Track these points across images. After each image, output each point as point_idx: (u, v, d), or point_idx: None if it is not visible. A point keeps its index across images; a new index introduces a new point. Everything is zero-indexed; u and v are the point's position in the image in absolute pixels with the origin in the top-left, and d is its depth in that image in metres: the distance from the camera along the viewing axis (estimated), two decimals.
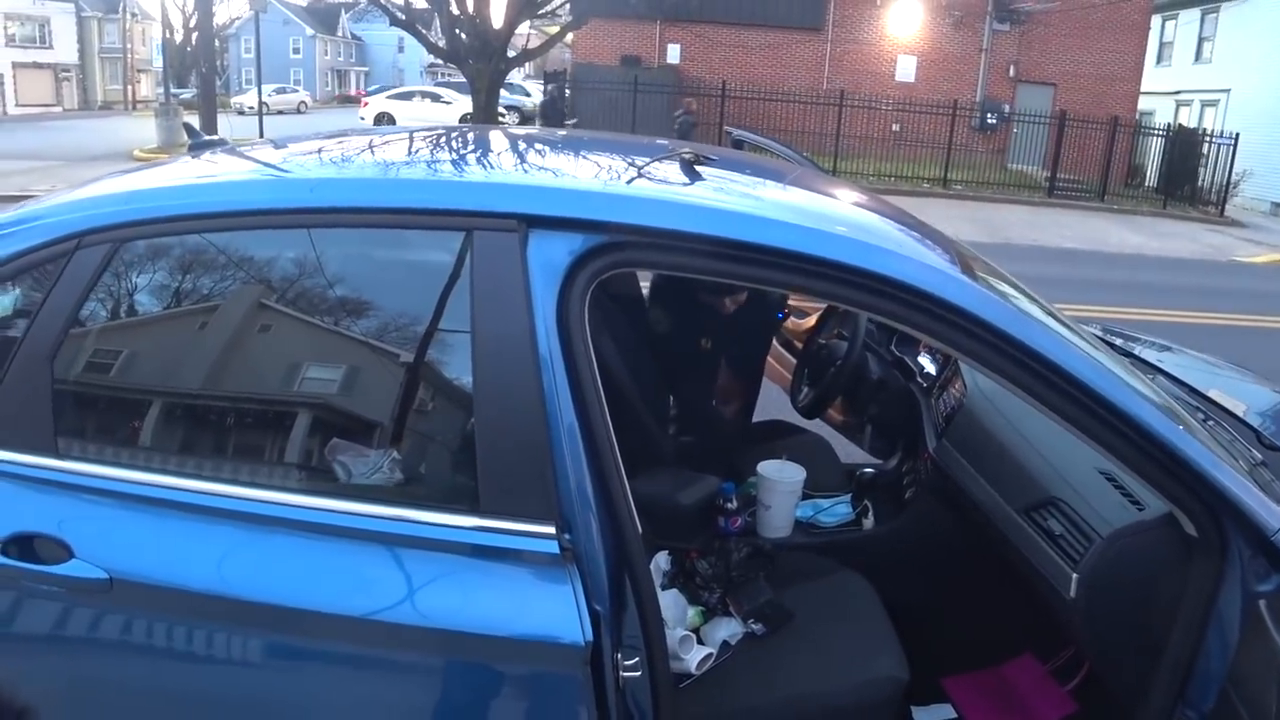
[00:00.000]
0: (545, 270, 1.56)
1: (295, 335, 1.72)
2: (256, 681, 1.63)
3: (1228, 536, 1.61)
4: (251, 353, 1.77)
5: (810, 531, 2.78)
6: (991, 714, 2.43)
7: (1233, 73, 25.78)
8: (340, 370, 1.73)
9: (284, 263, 1.70)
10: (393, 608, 1.54)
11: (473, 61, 17.30)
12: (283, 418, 1.72)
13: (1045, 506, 2.06)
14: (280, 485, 1.65)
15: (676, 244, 1.60)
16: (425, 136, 2.20)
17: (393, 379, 1.69)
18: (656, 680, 1.61)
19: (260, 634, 1.59)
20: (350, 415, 1.72)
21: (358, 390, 1.71)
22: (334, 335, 1.70)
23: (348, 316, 1.69)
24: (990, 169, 21.90)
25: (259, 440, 1.73)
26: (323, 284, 1.69)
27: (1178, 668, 1.67)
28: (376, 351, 1.68)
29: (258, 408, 1.74)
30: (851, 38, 24.34)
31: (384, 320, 1.68)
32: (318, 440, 1.69)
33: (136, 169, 2.09)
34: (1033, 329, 1.63)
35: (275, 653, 1.60)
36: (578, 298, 1.57)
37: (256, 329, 1.76)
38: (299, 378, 1.74)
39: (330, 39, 66.94)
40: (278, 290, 1.71)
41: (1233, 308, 10.32)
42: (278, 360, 1.76)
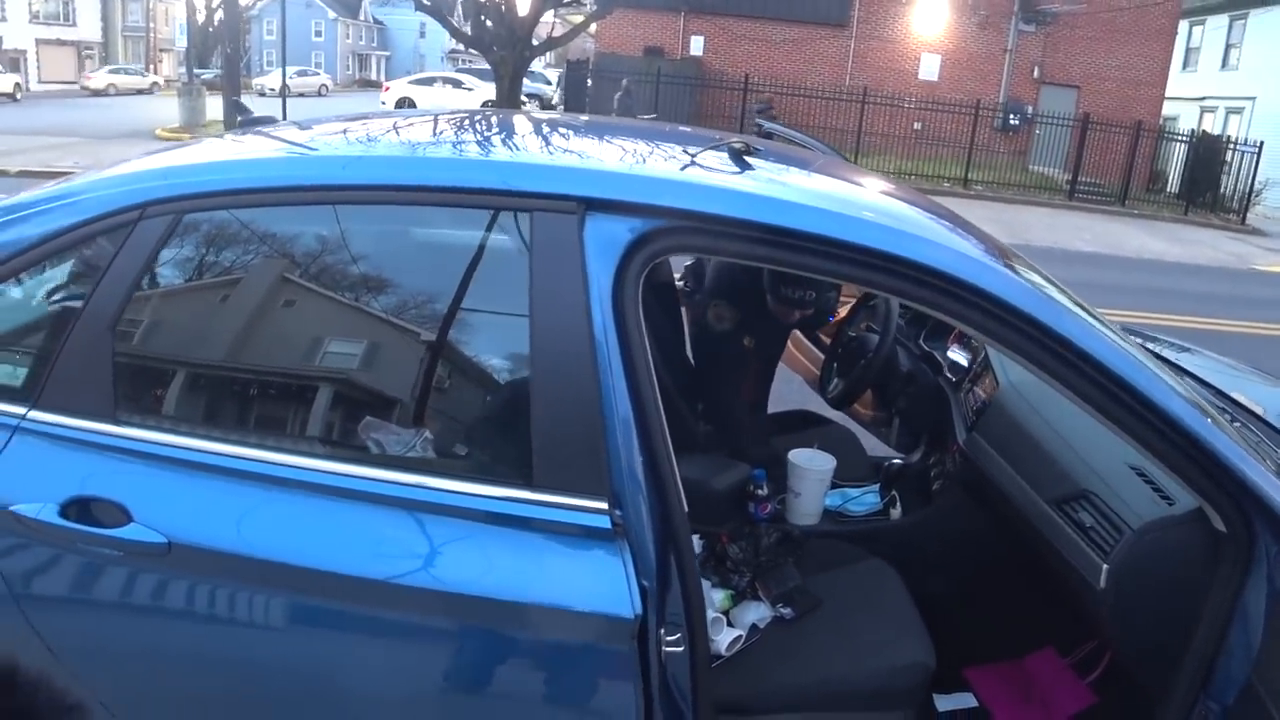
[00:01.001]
0: (602, 251, 1.60)
1: (356, 310, 1.76)
2: (310, 648, 1.67)
3: (1256, 533, 1.65)
4: (311, 327, 1.81)
5: (839, 520, 2.82)
6: (1012, 704, 2.46)
7: (1259, 81, 25.63)
8: (397, 345, 1.77)
9: (348, 238, 1.73)
10: (447, 577, 1.58)
11: (497, 49, 17.34)
12: (340, 391, 1.76)
13: (1076, 499, 2.10)
14: (338, 456, 1.69)
15: (729, 230, 1.64)
16: (481, 120, 2.24)
17: (451, 355, 1.74)
18: (696, 657, 1.65)
19: (318, 601, 1.63)
20: (408, 389, 1.75)
21: (415, 365, 1.75)
22: (394, 311, 1.74)
23: (409, 293, 1.74)
24: (1011, 170, 21.83)
25: (315, 412, 1.77)
26: (385, 260, 1.74)
27: (1202, 660, 1.71)
28: (436, 327, 1.72)
29: (316, 381, 1.78)
30: (876, 35, 24.27)
31: (445, 297, 1.71)
32: (373, 412, 1.73)
33: (192, 144, 2.13)
34: (1072, 321, 1.67)
35: (332, 620, 1.64)
36: (632, 279, 1.61)
37: (318, 303, 1.79)
38: (357, 351, 1.78)
39: (352, 23, 67.02)
40: (340, 265, 1.75)
41: (1251, 315, 10.28)
42: (334, 334, 1.80)
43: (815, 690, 2.10)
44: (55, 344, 1.72)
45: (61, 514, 1.64)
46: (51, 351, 1.72)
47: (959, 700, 2.46)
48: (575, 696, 1.65)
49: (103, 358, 1.70)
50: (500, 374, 1.76)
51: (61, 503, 1.65)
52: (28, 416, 1.70)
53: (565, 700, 1.66)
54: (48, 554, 1.69)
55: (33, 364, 1.75)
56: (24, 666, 1.73)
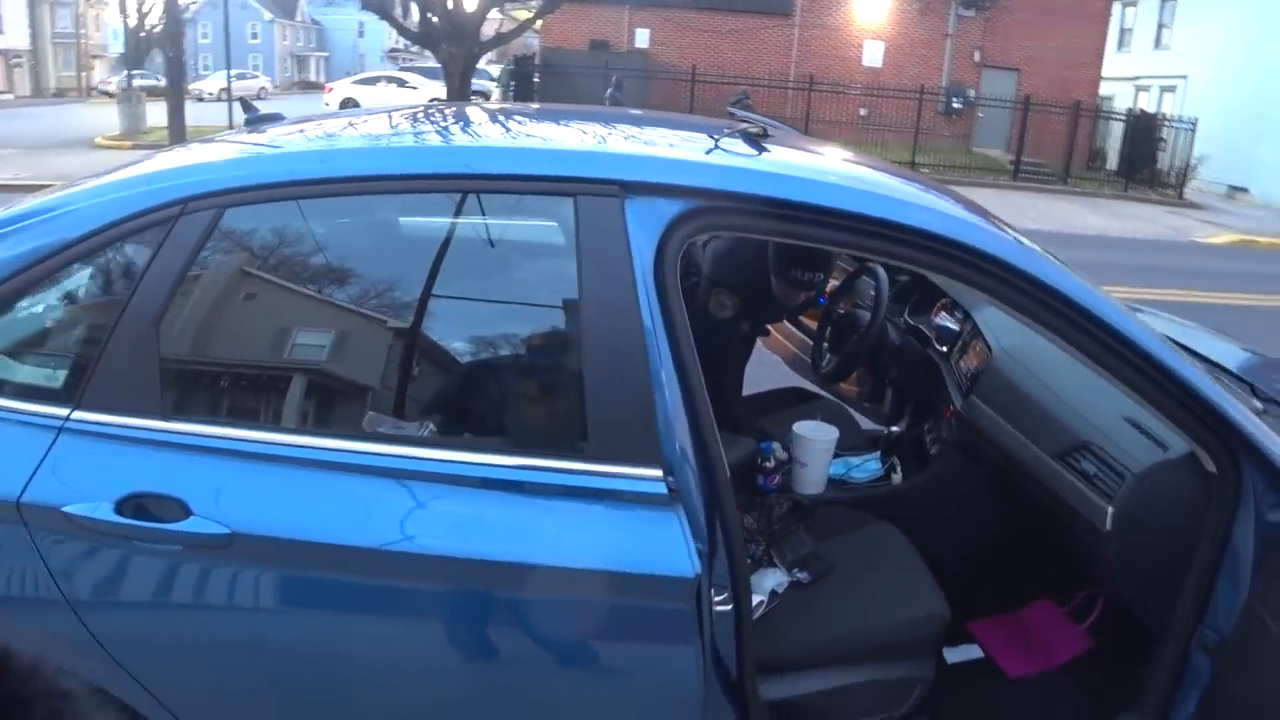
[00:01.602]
0: (643, 231, 1.68)
1: (406, 295, 1.82)
2: (382, 629, 1.71)
3: (1243, 472, 1.81)
4: (361, 315, 1.85)
5: (843, 487, 2.94)
6: (1015, 653, 2.60)
7: (1191, 59, 26.32)
8: (451, 328, 1.83)
9: (395, 227, 1.80)
10: (517, 550, 1.64)
11: (446, 45, 17.24)
12: (397, 375, 1.82)
13: (1078, 450, 2.24)
14: (398, 439, 1.74)
15: (761, 209, 1.74)
16: (507, 111, 2.31)
17: (505, 334, 1.82)
18: (741, 616, 1.75)
19: (390, 582, 1.68)
20: (464, 372, 1.83)
21: (471, 347, 1.82)
22: (445, 295, 1.80)
23: (459, 277, 1.81)
24: (956, 153, 22.24)
25: (375, 396, 1.83)
26: (434, 246, 1.80)
27: (1200, 591, 1.87)
28: (489, 310, 1.79)
29: (372, 366, 1.84)
30: (819, 23, 24.51)
31: (495, 281, 1.79)
32: (432, 394, 1.80)
33: (220, 141, 2.16)
34: (1070, 281, 1.81)
35: (405, 599, 1.69)
36: (672, 257, 1.70)
37: (365, 291, 1.85)
38: (411, 336, 1.82)
39: (289, 24, 66.03)
40: (388, 253, 1.82)
41: (1191, 285, 10.67)
42: (385, 320, 1.85)
43: (837, 647, 2.20)
44: (96, 344, 1.72)
45: (117, 512, 1.65)
46: (92, 351, 1.72)
47: (966, 652, 2.60)
48: (645, 657, 1.73)
49: (148, 354, 1.71)
50: (554, 351, 1.82)
51: (117, 500, 1.65)
52: (71, 417, 1.69)
53: (635, 661, 1.74)
54: (103, 554, 1.69)
55: (72, 365, 1.75)
56: (82, 673, 1.73)
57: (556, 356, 1.82)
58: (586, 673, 1.75)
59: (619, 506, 1.66)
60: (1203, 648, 1.88)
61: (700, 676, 1.68)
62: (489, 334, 1.83)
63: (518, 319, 1.82)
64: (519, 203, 1.78)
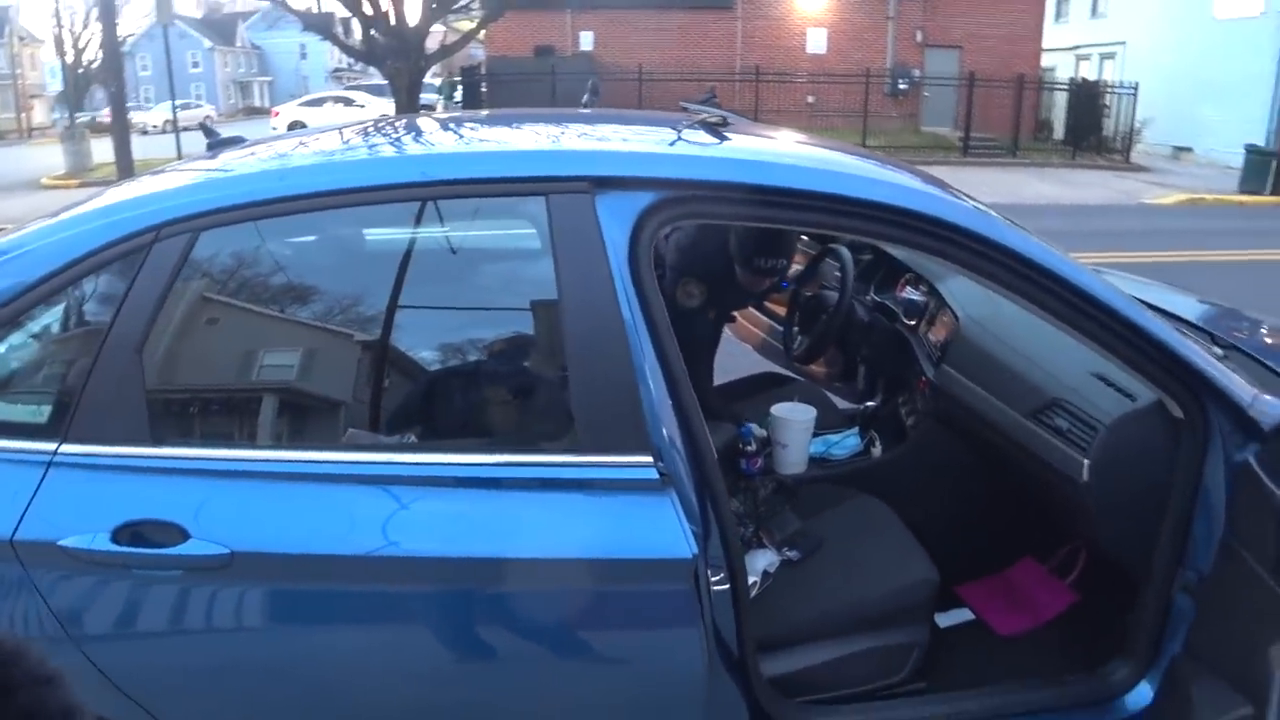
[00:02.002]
0: (616, 225, 1.72)
1: (387, 303, 1.83)
2: (386, 633, 1.73)
3: (1209, 415, 1.88)
4: (345, 324, 1.87)
5: (825, 465, 2.99)
6: (1004, 612, 2.66)
7: (1127, 25, 26.75)
8: (433, 333, 1.86)
9: (368, 238, 1.82)
10: (517, 546, 1.67)
11: (391, 61, 17.16)
12: (383, 383, 1.85)
13: (1050, 408, 2.30)
14: (389, 446, 1.77)
15: (728, 195, 1.78)
16: (462, 119, 2.33)
17: (485, 336, 1.84)
18: (738, 594, 1.79)
19: (393, 587, 1.69)
20: (451, 372, 1.85)
21: (454, 350, 1.85)
22: (425, 301, 1.84)
23: (437, 282, 1.83)
24: (905, 133, 22.48)
25: (361, 406, 1.85)
26: (409, 254, 1.82)
27: (1177, 532, 1.94)
28: (467, 314, 1.82)
29: (356, 376, 1.86)
30: (762, 14, 24.67)
31: (472, 285, 1.82)
32: (420, 401, 1.82)
33: (188, 166, 2.15)
34: (1030, 243, 1.87)
35: (408, 603, 1.71)
36: (645, 248, 1.73)
37: (346, 301, 1.87)
38: (396, 344, 1.85)
39: (230, 50, 65.30)
40: (363, 263, 1.84)
41: (1145, 246, 10.88)
42: (367, 328, 1.87)
43: (833, 619, 2.25)
44: (79, 376, 1.72)
45: (114, 541, 1.65)
46: (76, 384, 1.72)
47: (957, 615, 2.65)
48: (650, 640, 1.77)
49: (133, 382, 1.71)
50: (539, 348, 1.86)
51: (112, 530, 1.65)
52: (59, 451, 1.69)
53: (641, 645, 1.77)
54: (103, 584, 1.69)
55: (56, 399, 1.75)
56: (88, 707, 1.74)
57: (541, 353, 1.85)
58: (594, 660, 1.78)
59: (613, 494, 1.70)
60: (1184, 589, 1.95)
61: (704, 655, 1.71)
62: (475, 337, 1.86)
63: (500, 320, 1.85)
64: (494, 205, 1.81)
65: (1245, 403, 1.87)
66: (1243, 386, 1.92)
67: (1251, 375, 2.08)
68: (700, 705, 1.76)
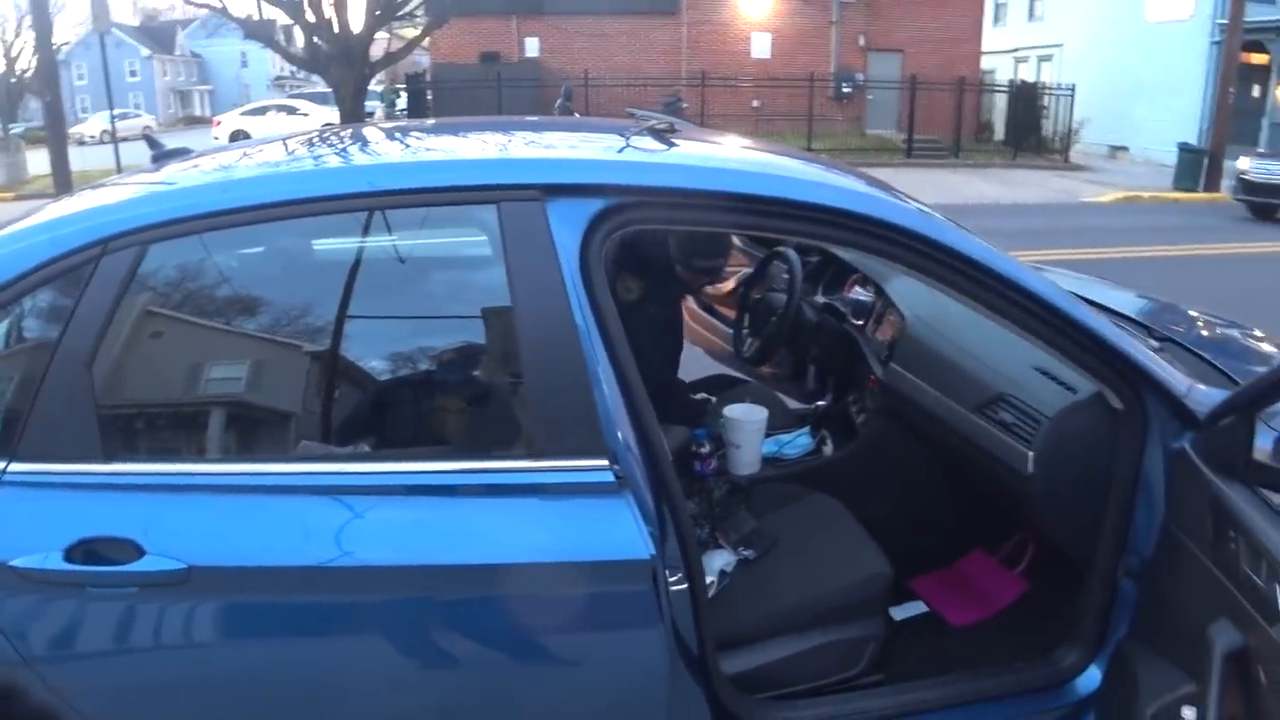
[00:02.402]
0: (567, 232, 1.73)
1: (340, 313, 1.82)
2: (347, 644, 1.72)
3: (1146, 404, 1.95)
4: (297, 335, 1.86)
5: (778, 465, 3.03)
6: (958, 604, 2.72)
7: (1064, 27, 27.40)
8: (388, 343, 1.86)
9: (319, 248, 1.82)
10: (477, 553, 1.68)
11: (334, 69, 17.03)
12: (339, 392, 1.84)
13: (995, 403, 2.36)
14: (346, 456, 1.77)
15: (677, 200, 1.81)
16: (410, 128, 2.33)
17: (440, 345, 1.84)
18: (696, 594, 1.81)
19: (351, 597, 1.69)
20: (407, 381, 1.85)
21: (409, 359, 1.85)
22: (378, 310, 1.83)
23: (391, 292, 1.83)
24: (850, 136, 22.77)
25: (319, 416, 1.84)
26: (362, 264, 1.82)
27: (1119, 520, 2.00)
28: (423, 323, 1.82)
29: (308, 387, 1.85)
30: (706, 19, 24.82)
31: (425, 294, 1.83)
32: (373, 411, 1.82)
33: (131, 179, 2.12)
34: (972, 243, 1.93)
35: (366, 613, 1.70)
36: (596, 255, 1.75)
37: (297, 312, 1.86)
38: (351, 354, 1.84)
39: (168, 58, 64.15)
40: (316, 274, 1.83)
41: (1085, 243, 11.16)
42: (319, 339, 1.86)
43: (790, 615, 2.28)
44: (27, 393, 1.69)
45: (67, 559, 1.62)
46: (24, 401, 1.69)
47: (911, 609, 2.71)
48: (612, 641, 1.77)
49: (83, 397, 1.68)
50: (494, 355, 1.86)
51: (65, 548, 1.62)
52: (8, 470, 1.66)
53: (603, 646, 1.78)
54: (58, 604, 1.67)
55: (3, 416, 1.71)
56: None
57: (495, 360, 1.86)
58: (556, 663, 1.79)
59: (570, 498, 1.71)
60: (1128, 574, 2.01)
61: (666, 654, 1.73)
62: (426, 346, 1.86)
63: (454, 329, 1.86)
64: (445, 213, 1.82)
65: (1181, 393, 1.94)
66: (1178, 377, 1.99)
67: (1187, 366, 2.16)
68: (663, 704, 1.78)
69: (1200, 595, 1.79)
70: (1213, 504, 1.77)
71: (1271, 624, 1.57)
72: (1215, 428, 1.82)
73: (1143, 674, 1.91)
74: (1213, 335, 2.75)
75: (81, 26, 38.94)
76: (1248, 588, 1.64)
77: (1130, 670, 1.95)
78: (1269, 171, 14.51)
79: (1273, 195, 14.25)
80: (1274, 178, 14.36)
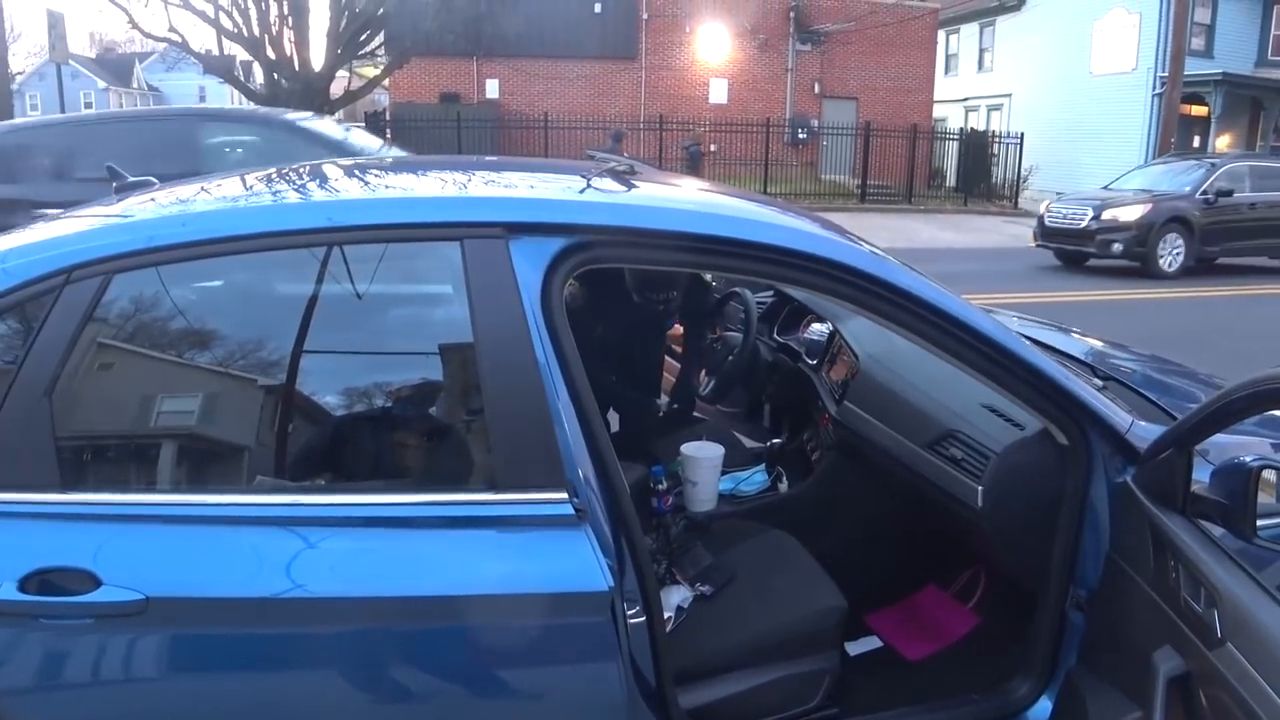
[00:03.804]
0: (529, 269, 1.77)
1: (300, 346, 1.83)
2: (307, 676, 1.72)
3: (1090, 441, 2.01)
4: (257, 368, 1.86)
5: (734, 501, 3.06)
6: (912, 638, 2.75)
7: (1012, 78, 28.18)
8: (348, 376, 1.87)
9: (281, 282, 1.83)
10: (435, 584, 1.68)
11: (294, 107, 17.02)
12: (297, 425, 1.84)
13: (945, 439, 2.42)
14: (304, 489, 1.77)
15: (635, 240, 1.86)
16: (376, 165, 2.36)
17: (402, 378, 1.86)
18: (653, 626, 1.83)
19: (308, 628, 1.68)
20: (368, 415, 1.85)
21: (371, 392, 1.86)
22: (340, 344, 1.84)
23: (353, 326, 1.84)
24: (805, 180, 23.12)
25: (278, 448, 1.84)
26: (324, 298, 1.83)
27: (1066, 553, 2.06)
28: (386, 357, 1.84)
29: (267, 420, 1.85)
30: (665, 65, 25.19)
31: (388, 328, 1.84)
32: (333, 442, 1.83)
33: (92, 208, 2.12)
34: (922, 284, 1.99)
35: (325, 645, 1.70)
36: (558, 292, 1.78)
37: (260, 346, 1.86)
38: (310, 386, 1.85)
39: (125, 91, 63.54)
40: (277, 308, 1.84)
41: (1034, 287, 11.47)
42: (279, 373, 1.85)
43: (746, 649, 2.29)
44: None
45: (21, 590, 1.61)
46: None
47: (866, 644, 2.73)
48: (570, 673, 1.78)
49: (42, 426, 1.67)
50: (455, 390, 1.88)
51: (20, 579, 1.61)
52: None
53: (561, 678, 1.79)
54: (12, 635, 1.64)
55: None
56: None
57: (458, 395, 1.87)
58: (515, 696, 1.78)
59: (530, 530, 1.72)
60: (1075, 605, 2.06)
61: (623, 687, 1.74)
62: (386, 381, 1.87)
63: (415, 364, 1.87)
64: (408, 249, 1.84)
65: (1123, 429, 2.01)
66: (1120, 414, 2.06)
67: (1129, 403, 2.23)
68: None
69: (1144, 623, 1.84)
70: (1154, 534, 1.83)
71: (1211, 649, 1.62)
72: (1155, 461, 1.89)
73: (1091, 702, 1.96)
74: (1153, 374, 2.84)
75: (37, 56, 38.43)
76: (1188, 615, 1.70)
77: (1080, 699, 2.00)
78: (1062, 216, 13.97)
79: (1068, 241, 13.83)
80: (1068, 222, 13.78)
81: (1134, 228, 13.17)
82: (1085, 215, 13.61)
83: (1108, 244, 13.20)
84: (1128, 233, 13.18)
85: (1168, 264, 13.26)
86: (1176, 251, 13.29)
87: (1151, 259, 13.11)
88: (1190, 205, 13.40)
